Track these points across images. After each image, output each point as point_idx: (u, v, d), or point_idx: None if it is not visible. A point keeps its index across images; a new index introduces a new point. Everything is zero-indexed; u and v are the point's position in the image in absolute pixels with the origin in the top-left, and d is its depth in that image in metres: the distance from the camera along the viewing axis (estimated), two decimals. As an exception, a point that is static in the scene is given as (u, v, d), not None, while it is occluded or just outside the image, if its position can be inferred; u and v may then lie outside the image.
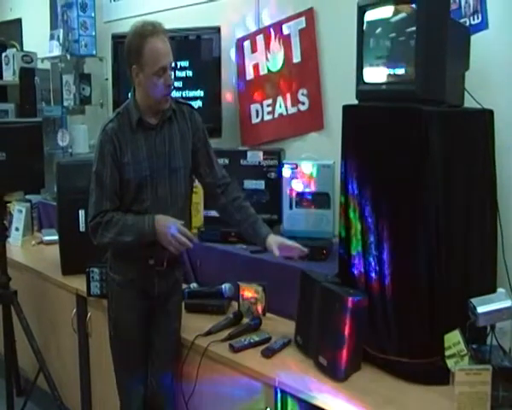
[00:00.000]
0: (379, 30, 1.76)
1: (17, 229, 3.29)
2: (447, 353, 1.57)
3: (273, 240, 1.89)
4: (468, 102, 1.76)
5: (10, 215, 3.34)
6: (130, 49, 1.82)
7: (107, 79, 3.52)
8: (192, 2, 3.03)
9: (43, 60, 3.91)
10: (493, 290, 1.65)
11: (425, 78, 1.60)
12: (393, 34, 1.71)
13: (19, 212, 3.34)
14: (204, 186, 2.06)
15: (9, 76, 4.04)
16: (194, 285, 2.34)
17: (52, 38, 3.71)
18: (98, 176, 1.85)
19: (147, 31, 1.79)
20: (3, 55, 4.10)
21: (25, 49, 4.32)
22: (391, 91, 1.71)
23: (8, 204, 3.33)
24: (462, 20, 1.93)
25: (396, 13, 1.69)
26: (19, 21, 4.61)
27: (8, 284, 2.59)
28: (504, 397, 1.46)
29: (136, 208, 1.87)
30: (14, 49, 4.15)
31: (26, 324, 2.56)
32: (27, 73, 3.86)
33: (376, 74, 1.77)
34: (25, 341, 2.56)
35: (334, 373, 1.67)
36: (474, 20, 1.92)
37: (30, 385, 2.70)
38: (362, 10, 1.79)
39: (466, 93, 1.76)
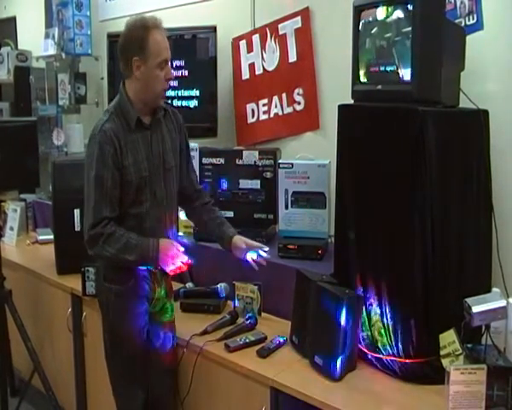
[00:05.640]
0: (375, 30, 1.76)
1: (12, 228, 3.28)
2: (442, 352, 1.58)
3: (240, 239, 1.96)
4: (464, 103, 1.76)
5: (5, 214, 3.33)
6: (131, 40, 1.77)
7: (102, 79, 3.51)
8: (188, 2, 3.02)
9: (38, 59, 3.89)
10: (488, 290, 1.66)
11: (421, 78, 1.60)
12: (389, 34, 1.70)
13: (13, 211, 3.32)
14: (181, 188, 2.01)
15: (4, 75, 4.02)
16: (189, 285, 2.34)
17: (47, 36, 3.69)
18: (98, 179, 1.76)
19: (150, 23, 1.78)
20: (-3, 53, 4.09)
21: (19, 47, 4.30)
22: (386, 92, 1.71)
23: (3, 203, 3.33)
24: (457, 21, 1.93)
25: (392, 13, 1.69)
26: (13, 20, 4.58)
27: (2, 283, 2.58)
28: (499, 396, 1.47)
29: (135, 211, 1.83)
30: (9, 48, 4.13)
31: (20, 323, 2.55)
32: (22, 72, 3.85)
33: (372, 74, 1.77)
34: (19, 340, 2.55)
35: (330, 373, 1.67)
36: (469, 20, 1.93)
37: (24, 385, 2.69)
38: (357, 10, 1.79)
39: (461, 93, 1.76)
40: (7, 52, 4.00)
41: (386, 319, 1.67)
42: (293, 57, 2.55)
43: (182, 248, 1.85)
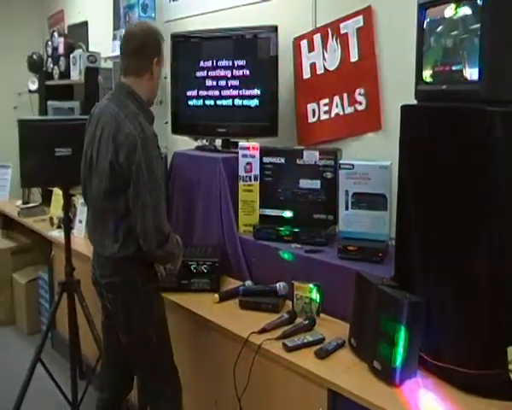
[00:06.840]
0: (440, 28, 1.70)
1: (80, 221, 3.45)
2: (511, 366, 1.51)
3: None
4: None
5: (74, 208, 3.50)
6: (155, 42, 1.99)
7: (165, 78, 3.60)
8: (249, 2, 3.05)
9: (106, 59, 4.07)
10: None
11: (489, 77, 1.54)
12: (456, 32, 1.64)
13: (82, 205, 3.49)
14: None
15: (76, 76, 4.25)
16: (248, 283, 2.37)
17: (115, 38, 3.85)
18: (161, 181, 1.92)
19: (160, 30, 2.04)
20: (71, 55, 4.31)
21: (90, 49, 4.52)
22: (452, 91, 1.65)
23: (73, 197, 3.50)
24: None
25: (459, 9, 1.64)
26: (85, 24, 4.83)
27: (72, 273, 2.74)
28: None
29: None
30: (81, 50, 4.35)
31: (87, 312, 2.69)
32: (92, 72, 4.05)
33: (437, 74, 1.72)
34: (87, 328, 2.69)
35: (389, 378, 1.65)
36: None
37: (91, 370, 2.84)
38: (422, 8, 1.74)
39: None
40: (79, 54, 4.22)
41: (450, 326, 1.62)
42: (355, 57, 2.51)
43: None
